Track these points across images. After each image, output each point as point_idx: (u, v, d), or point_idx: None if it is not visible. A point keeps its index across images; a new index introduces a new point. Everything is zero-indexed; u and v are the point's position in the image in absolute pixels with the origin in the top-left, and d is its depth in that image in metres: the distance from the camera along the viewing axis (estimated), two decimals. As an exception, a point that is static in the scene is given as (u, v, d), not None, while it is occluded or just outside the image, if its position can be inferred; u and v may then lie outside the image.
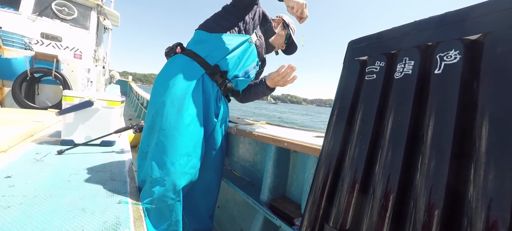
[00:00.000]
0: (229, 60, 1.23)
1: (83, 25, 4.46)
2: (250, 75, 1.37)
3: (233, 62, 1.25)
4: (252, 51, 1.32)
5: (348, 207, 0.59)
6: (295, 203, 1.24)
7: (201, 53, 1.21)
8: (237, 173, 1.71)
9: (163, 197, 1.00)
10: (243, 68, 1.32)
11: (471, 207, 0.40)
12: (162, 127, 1.07)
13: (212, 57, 1.21)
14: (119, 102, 1.75)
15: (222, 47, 1.21)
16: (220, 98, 1.29)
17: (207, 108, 1.22)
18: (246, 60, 1.31)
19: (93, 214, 0.83)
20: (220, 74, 1.23)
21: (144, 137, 1.18)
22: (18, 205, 0.83)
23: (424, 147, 0.49)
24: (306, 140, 1.04)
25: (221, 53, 1.21)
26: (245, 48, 1.28)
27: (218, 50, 1.21)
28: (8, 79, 3.10)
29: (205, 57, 1.20)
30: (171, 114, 1.08)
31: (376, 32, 0.70)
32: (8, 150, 1.36)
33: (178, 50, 1.25)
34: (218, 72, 1.22)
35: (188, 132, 1.09)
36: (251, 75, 1.38)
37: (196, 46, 1.23)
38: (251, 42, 1.30)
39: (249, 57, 1.32)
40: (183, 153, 1.06)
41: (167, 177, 1.00)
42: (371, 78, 0.66)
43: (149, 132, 1.16)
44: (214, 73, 1.21)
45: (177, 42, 1.30)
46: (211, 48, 1.21)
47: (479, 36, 0.47)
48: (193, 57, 1.20)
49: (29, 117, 2.09)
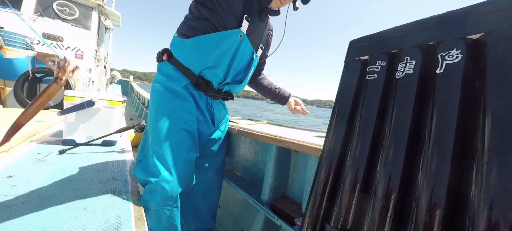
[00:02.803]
0: (213, 69, 1.10)
1: (84, 25, 4.48)
2: (243, 79, 1.21)
3: (219, 71, 1.11)
4: (243, 46, 1.09)
5: (349, 207, 0.59)
6: (296, 203, 1.24)
7: (183, 62, 1.09)
8: (238, 173, 1.71)
9: (160, 204, 1.00)
10: (235, 71, 1.16)
11: (473, 207, 0.40)
12: (154, 135, 1.06)
13: (193, 66, 1.09)
14: (120, 102, 1.75)
15: (201, 55, 1.06)
16: (210, 104, 1.23)
17: (201, 114, 1.18)
18: (237, 60, 1.12)
19: (95, 214, 0.84)
20: (206, 84, 1.12)
21: (141, 142, 1.18)
22: (20, 205, 0.83)
23: (426, 147, 0.49)
24: (307, 140, 1.04)
25: (201, 63, 1.08)
26: (233, 46, 1.07)
27: (198, 59, 1.07)
28: (10, 79, 3.12)
29: (188, 66, 1.09)
30: (161, 121, 1.06)
31: (377, 32, 0.70)
32: (10, 150, 1.36)
33: (164, 57, 1.14)
34: (203, 82, 1.12)
35: (180, 138, 1.07)
36: (246, 76, 1.21)
37: (176, 53, 1.11)
38: (241, 36, 1.05)
39: (241, 55, 1.12)
40: (179, 159, 1.05)
41: (164, 184, 0.99)
42: (372, 78, 0.65)
43: (145, 139, 1.16)
44: (198, 84, 1.11)
45: (165, 48, 1.18)
46: (189, 57, 1.08)
47: (481, 35, 0.47)
48: (177, 65, 1.11)
49: (31, 117, 2.09)
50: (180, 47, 1.09)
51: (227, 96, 1.27)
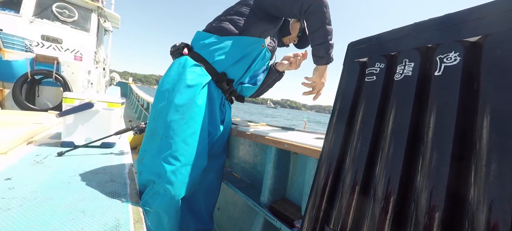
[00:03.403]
0: (238, 67, 1.17)
1: (83, 27, 4.48)
2: (257, 82, 1.31)
3: (241, 69, 1.19)
4: (263, 55, 1.23)
5: (348, 209, 0.59)
6: (295, 205, 1.24)
7: (208, 58, 1.13)
8: (237, 174, 1.70)
9: (162, 206, 1.00)
10: (251, 74, 1.26)
11: (472, 209, 0.40)
12: (165, 134, 1.03)
13: (219, 63, 1.13)
14: (119, 104, 1.75)
15: (231, 53, 1.13)
16: (224, 103, 1.26)
17: (213, 115, 1.18)
18: (256, 65, 1.23)
19: (93, 216, 0.83)
20: (227, 82, 1.18)
21: (144, 141, 1.14)
22: (17, 207, 0.83)
23: (425, 148, 0.49)
24: (306, 142, 1.04)
25: (229, 60, 1.14)
26: (256, 53, 1.19)
27: (227, 56, 1.13)
28: (8, 81, 3.11)
29: (212, 62, 1.13)
30: (175, 121, 1.03)
31: (376, 34, 0.70)
32: (8, 152, 1.36)
33: (185, 51, 1.16)
34: (225, 80, 1.17)
35: (193, 140, 1.05)
36: (259, 80, 1.32)
37: (203, 50, 1.15)
38: (264, 46, 1.20)
39: (260, 62, 1.24)
40: (186, 162, 1.03)
41: (169, 186, 0.98)
42: (371, 80, 0.66)
43: (148, 137, 1.11)
44: (220, 81, 1.16)
45: (184, 43, 1.21)
46: (219, 53, 1.12)
47: (479, 38, 0.47)
48: (200, 61, 1.12)
49: (30, 119, 2.09)
50: (212, 43, 1.13)
51: (238, 98, 1.35)
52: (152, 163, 1.05)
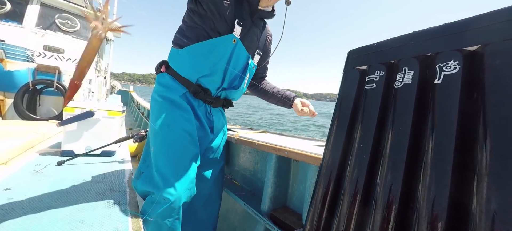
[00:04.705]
0: (210, 77, 1.11)
1: (85, 37, 4.52)
2: (239, 84, 1.19)
3: (216, 77, 1.12)
4: (237, 51, 1.09)
5: (350, 218, 0.58)
6: (296, 213, 1.23)
7: (180, 72, 1.11)
8: (237, 182, 1.69)
9: (163, 215, 0.99)
10: (231, 76, 1.16)
11: (475, 219, 0.39)
12: (156, 145, 1.06)
13: (190, 75, 1.10)
14: (119, 112, 1.75)
15: (196, 64, 1.07)
16: (209, 112, 1.23)
17: (199, 123, 1.18)
18: (233, 65, 1.11)
19: (92, 226, 0.82)
20: (204, 92, 1.13)
21: (143, 153, 1.18)
22: (16, 218, 0.82)
23: (426, 158, 0.48)
24: (307, 149, 1.04)
25: (197, 71, 1.09)
26: (227, 52, 1.07)
27: (193, 68, 1.08)
28: (10, 91, 3.12)
29: (185, 75, 1.11)
30: (163, 132, 1.06)
31: (376, 42, 0.71)
32: (8, 162, 1.35)
33: (162, 68, 1.17)
34: (201, 90, 1.13)
35: (182, 147, 1.07)
36: (243, 81, 1.21)
37: (173, 64, 1.13)
38: (235, 41, 1.06)
39: (236, 60, 1.12)
40: (182, 170, 1.04)
41: (167, 195, 0.98)
42: (371, 87, 0.66)
43: (147, 149, 1.16)
44: (196, 92, 1.13)
45: (163, 60, 1.21)
46: (185, 66, 1.10)
47: (478, 47, 0.47)
48: (174, 75, 1.12)
49: (30, 129, 2.09)
50: (176, 57, 1.11)
51: (226, 104, 1.29)
52: (148, 175, 1.07)
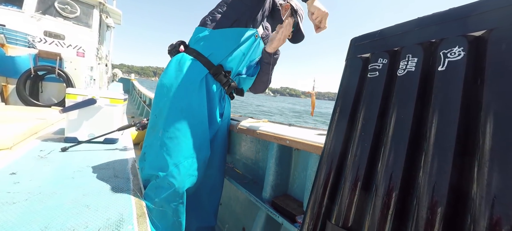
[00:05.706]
0: (233, 58, 1.19)
1: (85, 23, 4.48)
2: (254, 72, 1.32)
3: (237, 60, 1.21)
4: (257, 45, 1.27)
5: (350, 204, 0.59)
6: (297, 201, 1.24)
7: (204, 52, 1.16)
8: (239, 171, 1.71)
9: (167, 199, 1.01)
10: (247, 64, 1.29)
11: (475, 205, 0.40)
12: (165, 129, 1.06)
13: (215, 55, 1.17)
14: (121, 100, 1.76)
15: (225, 44, 1.17)
16: (223, 97, 1.28)
17: (211, 108, 1.20)
18: (251, 55, 1.27)
19: (97, 211, 0.84)
20: (224, 74, 1.20)
21: (146, 136, 1.17)
22: (23, 201, 0.84)
23: (427, 145, 0.48)
24: (308, 138, 1.04)
25: (224, 52, 1.17)
26: (250, 43, 1.22)
27: (221, 48, 1.17)
28: (12, 77, 3.13)
29: (208, 55, 1.16)
30: (174, 115, 1.06)
31: (379, 29, 0.69)
32: (12, 147, 1.37)
33: (181, 48, 1.20)
34: (222, 72, 1.19)
35: (192, 133, 1.08)
36: (256, 71, 1.33)
37: (198, 44, 1.18)
38: (257, 36, 1.24)
39: (254, 52, 1.27)
40: (188, 155, 1.05)
41: (172, 179, 1.00)
42: (374, 76, 0.65)
43: (150, 133, 1.15)
44: (218, 73, 1.18)
45: (180, 40, 1.24)
46: (213, 46, 1.16)
47: (483, 33, 0.47)
48: (196, 56, 1.16)
49: (33, 115, 2.10)
50: (204, 37, 1.17)
51: (238, 92, 1.37)
52: (154, 158, 1.07)
